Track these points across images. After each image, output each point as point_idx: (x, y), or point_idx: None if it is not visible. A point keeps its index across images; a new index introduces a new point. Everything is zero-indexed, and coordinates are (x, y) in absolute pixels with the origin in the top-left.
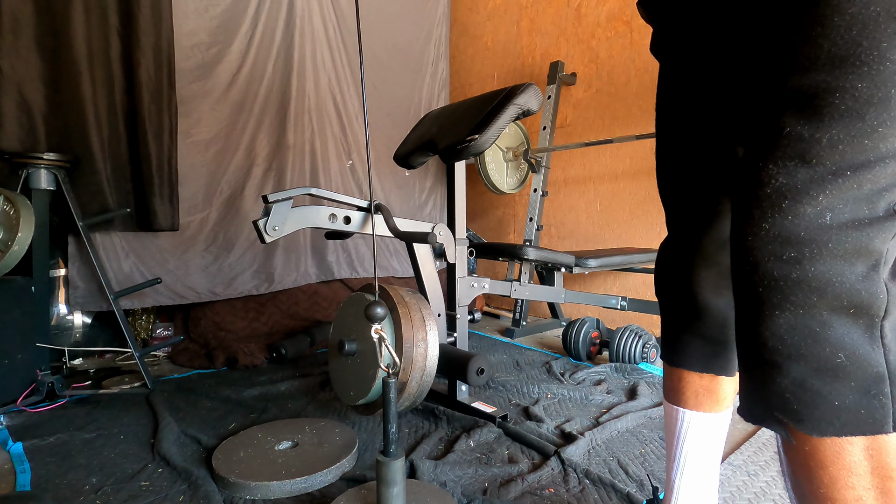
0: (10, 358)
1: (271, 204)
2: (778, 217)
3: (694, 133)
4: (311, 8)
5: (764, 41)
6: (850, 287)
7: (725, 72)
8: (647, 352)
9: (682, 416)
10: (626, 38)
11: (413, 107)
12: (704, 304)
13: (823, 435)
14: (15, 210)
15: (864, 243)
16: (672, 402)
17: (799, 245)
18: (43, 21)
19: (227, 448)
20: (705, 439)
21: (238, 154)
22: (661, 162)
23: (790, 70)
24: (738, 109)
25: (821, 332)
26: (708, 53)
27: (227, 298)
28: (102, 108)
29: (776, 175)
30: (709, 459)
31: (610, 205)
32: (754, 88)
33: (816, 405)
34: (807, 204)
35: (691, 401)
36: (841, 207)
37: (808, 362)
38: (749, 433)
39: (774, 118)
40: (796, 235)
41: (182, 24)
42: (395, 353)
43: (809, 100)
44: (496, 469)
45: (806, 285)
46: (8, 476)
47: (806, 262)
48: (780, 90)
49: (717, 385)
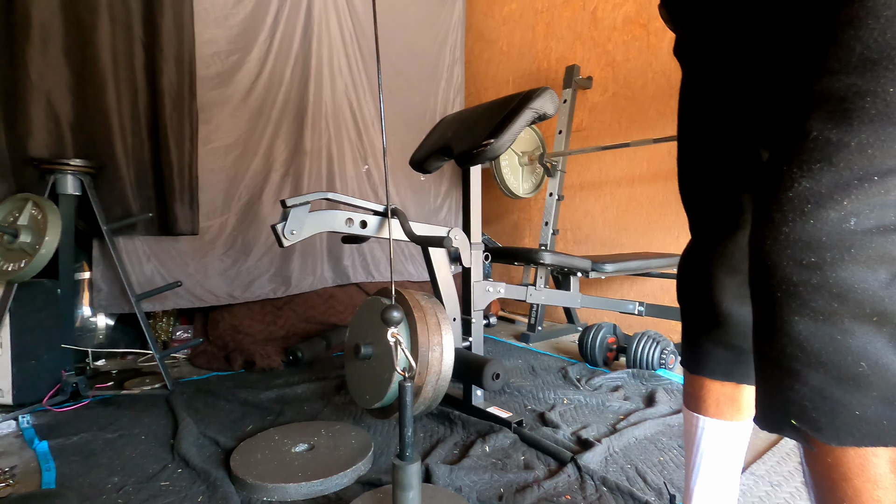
0: (36, 359)
1: (289, 208)
2: (799, 221)
3: (717, 137)
4: (328, 15)
5: (791, 43)
6: (872, 294)
7: (751, 75)
8: (666, 358)
9: (702, 424)
10: (643, 42)
11: (428, 112)
12: (727, 312)
13: (842, 444)
14: (43, 215)
15: (889, 250)
16: (692, 409)
17: (820, 250)
18: (70, 32)
19: (245, 450)
20: (726, 448)
21: (256, 159)
22: (683, 167)
23: (819, 73)
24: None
25: (842, 340)
26: (732, 56)
27: (245, 302)
28: (126, 116)
29: (800, 178)
30: (729, 469)
31: (627, 209)
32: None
33: (836, 414)
34: (830, 209)
35: (712, 409)
36: (867, 213)
37: (829, 370)
38: (772, 442)
39: (801, 121)
40: (817, 240)
41: (202, 33)
42: (411, 356)
43: (839, 103)
44: (512, 475)
45: (826, 291)
46: (34, 474)
47: (827, 267)
48: (807, 93)
49: (739, 393)
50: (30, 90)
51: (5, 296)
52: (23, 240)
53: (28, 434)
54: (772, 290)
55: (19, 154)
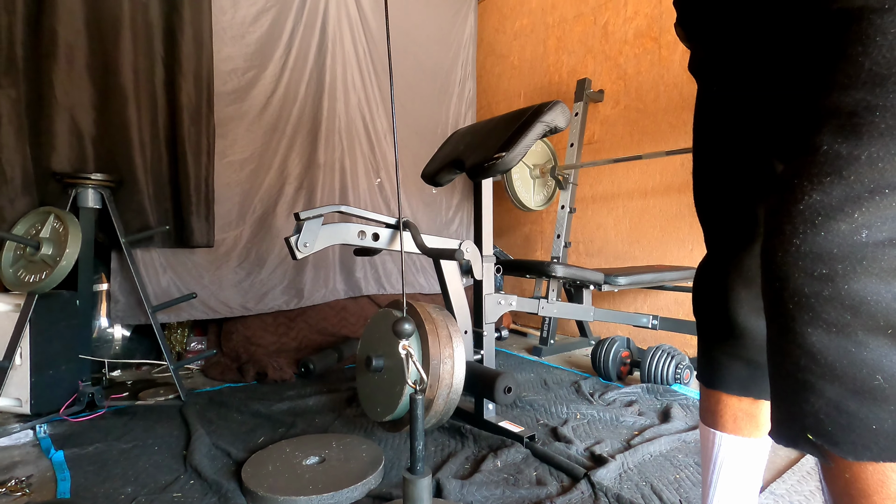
0: (54, 369)
1: (303, 221)
2: (811, 233)
3: (733, 150)
4: (342, 32)
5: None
6: (886, 307)
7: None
8: (681, 373)
9: (720, 440)
10: (655, 55)
11: (440, 125)
12: (743, 325)
13: (860, 459)
14: (64, 228)
15: None
16: (709, 424)
17: (831, 262)
18: (94, 50)
19: (256, 462)
20: (744, 465)
21: (271, 173)
22: (699, 179)
23: (829, 88)
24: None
25: (856, 353)
26: (746, 72)
27: (259, 313)
28: (146, 131)
29: (811, 191)
30: (747, 486)
31: (640, 222)
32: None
33: (852, 428)
34: (841, 221)
35: (729, 424)
36: (878, 225)
37: (844, 383)
38: (792, 460)
39: (811, 135)
40: (828, 252)
41: (220, 51)
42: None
43: (848, 118)
44: (524, 491)
45: (839, 303)
46: (49, 483)
47: (839, 279)
48: (817, 108)
49: (757, 409)
50: (54, 107)
51: (26, 306)
52: (44, 252)
53: (45, 444)
54: (784, 302)
55: (43, 168)
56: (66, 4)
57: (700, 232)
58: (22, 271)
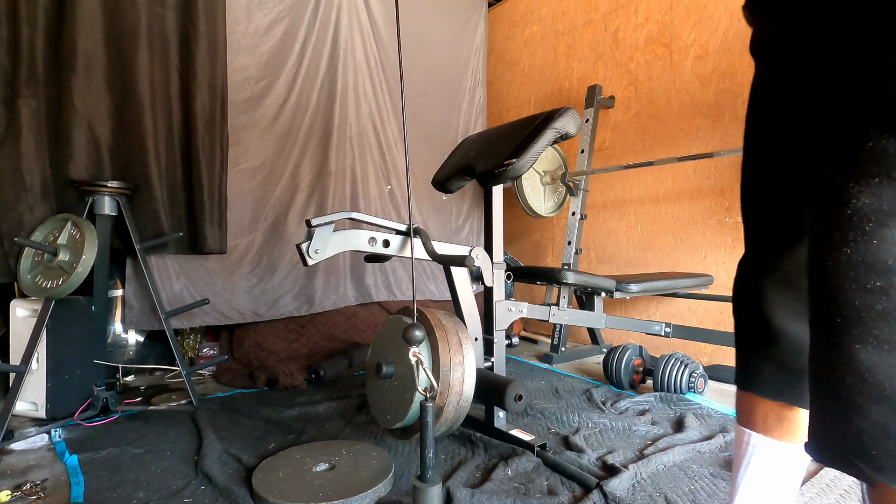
0: (70, 373)
1: (314, 228)
2: (861, 241)
3: (785, 144)
4: (353, 41)
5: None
6: None
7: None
8: (695, 381)
9: (749, 440)
10: (666, 61)
11: (451, 133)
12: (779, 328)
13: None
14: (81, 234)
15: None
16: (742, 423)
17: (886, 274)
18: (112, 61)
19: (267, 468)
20: (773, 467)
21: (283, 180)
22: (748, 173)
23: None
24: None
25: None
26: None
27: (270, 320)
28: (161, 140)
29: (858, 194)
30: (777, 492)
31: (651, 228)
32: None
33: None
34: (894, 227)
35: (760, 424)
36: None
37: (893, 405)
38: (811, 472)
39: (859, 131)
40: (882, 262)
41: (234, 61)
42: (433, 376)
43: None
44: (535, 500)
45: (893, 319)
46: (63, 487)
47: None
48: (867, 100)
49: (793, 414)
50: (73, 116)
51: (43, 312)
52: (61, 258)
53: (59, 448)
54: (832, 315)
55: (61, 176)
56: (86, 17)
57: (712, 239)
58: (40, 277)
